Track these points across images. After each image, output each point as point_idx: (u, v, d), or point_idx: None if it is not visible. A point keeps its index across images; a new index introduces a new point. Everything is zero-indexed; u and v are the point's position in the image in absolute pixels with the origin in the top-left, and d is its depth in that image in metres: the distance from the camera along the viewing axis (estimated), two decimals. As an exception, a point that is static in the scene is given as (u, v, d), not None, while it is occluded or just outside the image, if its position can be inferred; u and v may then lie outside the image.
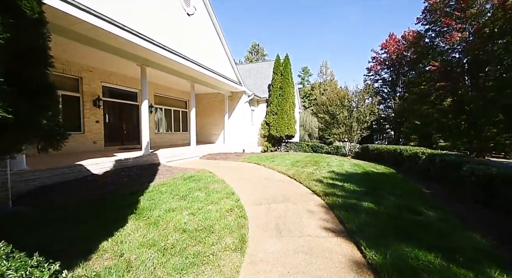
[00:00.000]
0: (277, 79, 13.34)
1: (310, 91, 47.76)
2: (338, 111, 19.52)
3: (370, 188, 4.93)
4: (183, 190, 4.54)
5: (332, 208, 3.70)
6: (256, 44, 50.20)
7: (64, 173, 5.03)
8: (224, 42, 10.64)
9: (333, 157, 10.80)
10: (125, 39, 5.67)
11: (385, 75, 27.86)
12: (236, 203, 3.86)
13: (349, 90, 19.07)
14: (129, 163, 6.64)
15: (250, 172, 6.69)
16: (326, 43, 73.60)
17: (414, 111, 22.27)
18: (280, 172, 6.75)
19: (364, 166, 8.19)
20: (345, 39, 71.30)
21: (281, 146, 14.12)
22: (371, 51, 27.85)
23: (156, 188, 4.64)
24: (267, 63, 19.41)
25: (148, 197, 4.03)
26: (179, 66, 8.11)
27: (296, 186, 5.19)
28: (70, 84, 7.68)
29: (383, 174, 6.82)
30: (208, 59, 9.47)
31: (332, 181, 5.53)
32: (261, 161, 8.54)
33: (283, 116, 13.04)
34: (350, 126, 19.22)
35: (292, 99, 13.38)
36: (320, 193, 4.45)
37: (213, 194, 4.30)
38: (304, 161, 8.82)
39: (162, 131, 11.97)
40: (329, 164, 8.23)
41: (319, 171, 6.78)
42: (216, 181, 5.33)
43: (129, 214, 3.21)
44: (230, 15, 65.77)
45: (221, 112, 13.30)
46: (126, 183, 5.00)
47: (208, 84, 10.82)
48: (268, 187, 5.04)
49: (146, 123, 7.38)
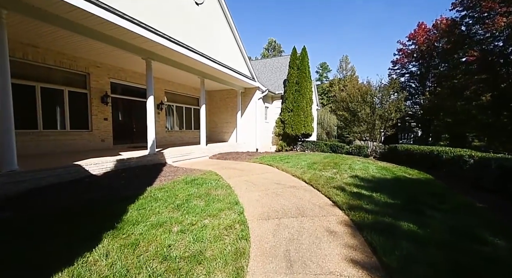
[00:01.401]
0: (293, 73, 12.43)
1: (329, 87, 45.90)
2: (359, 108, 18.13)
3: (406, 200, 4.01)
4: (181, 196, 3.95)
5: (360, 228, 2.88)
6: (273, 40, 49.13)
7: (59, 173, 4.68)
8: (237, 34, 9.97)
9: (355, 158, 9.75)
10: (126, 29, 5.20)
11: (413, 69, 25.52)
12: (238, 216, 3.18)
13: (372, 86, 17.68)
14: (132, 163, 6.23)
15: (260, 175, 5.99)
16: (347, 38, 70.35)
17: (446, 108, 20.12)
18: (294, 175, 5.96)
19: (393, 169, 7.13)
20: (367, 32, 67.61)
21: (297, 145, 13.23)
22: (397, 42, 25.67)
23: (152, 193, 4.11)
24: (282, 58, 18.48)
25: (139, 205, 3.48)
26: (187, 59, 7.58)
27: (313, 194, 4.39)
28: (77, 80, 7.46)
29: (418, 181, 5.77)
30: (219, 53, 8.86)
31: (356, 188, 4.65)
32: (274, 162, 7.80)
33: (299, 114, 12.13)
34: (373, 124, 17.80)
35: (309, 95, 12.41)
36: (343, 206, 3.63)
37: (214, 203, 3.66)
38: (322, 163, 7.93)
39: (173, 129, 11.64)
40: (351, 166, 7.27)
41: (340, 176, 5.90)
42: (220, 185, 4.70)
43: (108, 229, 2.66)
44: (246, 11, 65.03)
45: (234, 110, 12.71)
46: (122, 186, 4.53)
47: (219, 80, 10.24)
48: (280, 195, 4.30)
49: (152, 120, 6.95)
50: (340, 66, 46.89)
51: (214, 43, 8.65)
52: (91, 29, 5.16)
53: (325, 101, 43.17)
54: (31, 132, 6.36)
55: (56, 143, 6.87)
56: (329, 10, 67.48)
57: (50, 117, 6.83)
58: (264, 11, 70.89)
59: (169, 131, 11.25)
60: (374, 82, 17.21)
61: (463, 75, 19.79)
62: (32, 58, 6.25)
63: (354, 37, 70.00)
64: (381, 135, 18.09)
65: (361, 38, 69.20)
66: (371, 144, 17.40)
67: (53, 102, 6.90)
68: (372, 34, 68.08)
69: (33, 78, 6.43)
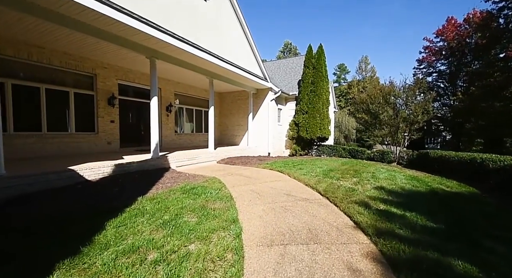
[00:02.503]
0: (308, 73, 11.66)
1: (347, 89, 44.21)
2: (381, 110, 16.86)
3: (452, 223, 3.14)
4: (172, 210, 3.39)
5: (395, 266, 2.12)
6: (288, 42, 48.48)
7: (50, 179, 4.35)
8: (248, 32, 9.46)
9: (378, 165, 8.73)
10: (123, 23, 4.83)
11: (441, 67, 23.49)
12: (234, 240, 2.54)
13: (395, 86, 16.40)
14: (132, 168, 5.84)
15: (269, 183, 5.31)
16: (366, 38, 67.72)
17: (481, 110, 18.13)
18: (308, 185, 5.22)
19: (425, 180, 6.11)
20: (388, 31, 64.57)
21: (312, 149, 12.36)
22: (423, 40, 23.82)
23: (141, 204, 3.60)
24: (297, 58, 17.74)
25: (121, 220, 2.97)
26: (194, 58, 7.15)
27: (329, 210, 3.64)
28: (83, 81, 7.31)
29: (461, 196, 4.77)
30: (229, 52, 8.39)
31: (384, 204, 3.82)
32: (286, 168, 7.07)
33: (315, 116, 11.29)
34: (396, 128, 16.46)
35: (326, 96, 11.55)
36: (369, 229, 2.86)
37: (208, 220, 3.05)
38: (340, 170, 7.07)
39: (183, 132, 11.32)
40: (374, 175, 6.36)
41: (361, 186, 5.06)
42: (220, 196, 4.09)
43: (69, 255, 2.14)
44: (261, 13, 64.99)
45: (245, 112, 12.17)
46: (113, 195, 4.08)
47: (229, 80, 9.76)
48: (289, 210, 3.60)
49: (155, 122, 6.58)
50: (359, 67, 44.99)
51: (224, 41, 8.18)
52: (88, 25, 4.86)
53: (343, 103, 41.52)
54: (35, 135, 6.23)
55: (60, 145, 6.70)
56: (347, 9, 65.58)
57: (55, 119, 6.68)
58: (280, 12, 70.50)
59: (178, 135, 10.94)
60: (398, 83, 15.91)
61: (501, 73, 17.74)
62: (37, 59, 6.13)
63: (374, 37, 67.26)
64: (405, 139, 16.69)
65: (381, 38, 66.28)
66: (396, 149, 16.02)
67: (58, 104, 6.76)
68: (392, 34, 64.96)
69: (38, 79, 6.32)
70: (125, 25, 4.89)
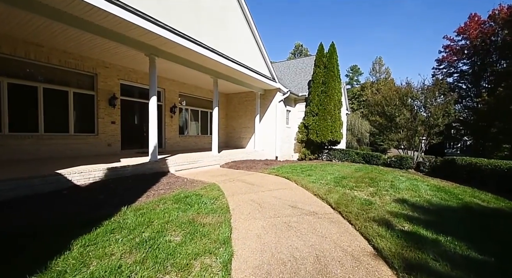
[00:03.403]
0: (319, 73, 11.02)
1: (360, 91, 42.89)
2: (397, 112, 15.93)
3: (501, 253, 2.45)
4: (156, 224, 2.92)
5: (437, 324, 1.50)
6: (299, 44, 47.81)
7: (34, 184, 4.01)
8: (255, 29, 9.01)
9: (396, 172, 7.94)
10: (119, 18, 4.49)
11: (463, 67, 22.04)
12: (220, 271, 2.01)
13: (413, 87, 15.42)
14: (126, 172, 5.46)
15: (273, 192, 4.75)
16: (380, 39, 65.77)
17: (510, 111, 16.67)
18: (316, 195, 4.61)
19: (454, 192, 5.31)
20: (404, 31, 62.38)
21: (323, 153, 11.64)
22: (443, 38, 22.46)
23: (124, 216, 3.15)
24: (308, 59, 17.12)
25: (92, 238, 2.51)
26: (196, 56, 6.76)
27: (341, 229, 3.03)
28: (83, 81, 7.09)
29: (502, 214, 3.99)
30: (234, 50, 7.95)
31: (409, 224, 3.17)
32: (293, 174, 6.48)
33: (326, 118, 10.61)
34: (414, 131, 15.47)
35: (338, 97, 10.85)
36: (394, 260, 2.24)
37: (194, 240, 2.54)
38: (354, 178, 6.39)
39: (188, 134, 10.97)
40: (393, 184, 5.64)
41: (379, 198, 4.40)
42: (214, 209, 3.58)
43: (7, 288, 1.69)
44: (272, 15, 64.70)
45: (252, 114, 11.68)
46: (97, 203, 3.67)
47: (234, 80, 9.32)
48: (293, 228, 3.03)
49: (154, 124, 6.21)
50: (372, 69, 43.65)
51: (229, 39, 7.76)
52: (81, 19, 4.55)
53: (355, 106, 40.24)
54: (31, 136, 6.01)
55: (58, 147, 6.47)
56: (360, 10, 64.09)
57: (53, 120, 6.47)
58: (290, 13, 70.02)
59: (183, 137, 10.59)
60: (415, 84, 14.98)
61: (533, 72, 16.29)
62: (35, 57, 5.94)
63: (388, 38, 65.19)
64: (423, 144, 15.62)
65: (396, 39, 64.10)
66: (413, 154, 15.01)
67: (56, 104, 6.55)
68: (408, 34, 62.66)
69: (36, 78, 6.12)
70: (118, 19, 4.54)
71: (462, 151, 29.18)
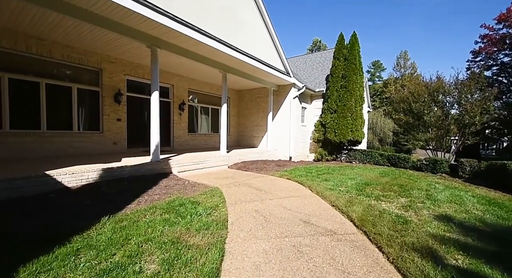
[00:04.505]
0: (339, 65, 10.04)
1: (382, 88, 40.45)
2: (426, 109, 14.46)
3: None
4: (133, 243, 2.36)
5: None
6: (318, 40, 46.04)
7: (19, 186, 3.68)
8: (268, 19, 8.29)
9: (429, 178, 6.86)
10: (113, 2, 4.03)
11: (504, 59, 19.57)
12: None
13: (444, 82, 13.88)
14: (124, 173, 5.05)
15: (282, 201, 4.06)
16: (404, 33, 61.65)
17: None
18: (335, 206, 3.84)
19: (511, 206, 4.27)
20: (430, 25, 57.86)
21: (342, 154, 10.67)
22: (480, 27, 20.03)
23: (98, 230, 2.65)
24: (326, 52, 16.04)
25: (47, 261, 2.01)
26: (202, 47, 6.21)
27: (369, 261, 2.28)
28: (88, 76, 6.83)
29: None
30: (245, 41, 7.32)
31: (463, 255, 2.33)
32: (307, 178, 5.73)
33: (346, 115, 9.63)
34: (445, 130, 13.93)
35: (359, 92, 9.81)
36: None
37: (170, 272, 1.94)
38: (380, 184, 5.50)
39: (197, 133, 10.54)
40: (430, 194, 4.70)
41: (416, 214, 3.54)
42: (209, 223, 2.96)
43: None
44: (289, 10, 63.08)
45: (265, 111, 10.99)
46: (79, 210, 3.23)
47: (245, 75, 8.68)
48: (304, 254, 2.33)
49: (156, 121, 5.78)
50: (397, 64, 40.87)
51: (238, 30, 7.13)
52: (79, 8, 4.15)
53: (377, 103, 37.98)
54: (33, 133, 5.82)
55: (61, 145, 6.26)
56: (382, 3, 60.47)
57: (56, 116, 6.26)
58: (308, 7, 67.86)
59: (192, 135, 10.17)
60: (447, 78, 13.54)
61: None
62: (36, 51, 5.72)
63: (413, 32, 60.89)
64: (455, 145, 14.02)
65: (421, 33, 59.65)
66: (446, 156, 13.53)
67: (59, 100, 6.34)
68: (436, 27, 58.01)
69: (38, 73, 5.91)
70: (112, 3, 4.08)
71: (498, 153, 26.31)
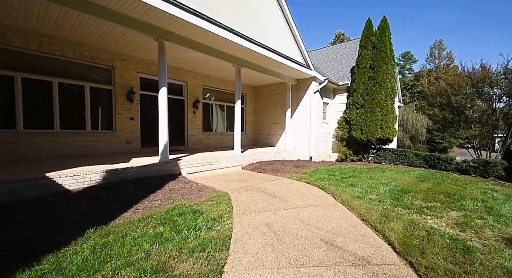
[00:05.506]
0: (366, 55, 8.97)
1: (413, 81, 37.31)
2: (468, 103, 12.71)
3: None
4: (108, 270, 1.90)
5: None
6: (341, 33, 43.72)
7: (16, 189, 3.48)
8: (286, 8, 7.60)
9: (480, 183, 5.69)
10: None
11: None
12: None
13: (491, 72, 12.07)
14: (129, 175, 4.75)
15: (299, 212, 3.40)
16: (437, 22, 56.16)
17: None
18: (366, 220, 3.10)
19: None
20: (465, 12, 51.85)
21: (369, 154, 9.60)
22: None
23: (77, 247, 2.25)
24: (351, 43, 14.80)
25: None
26: (213, 38, 5.71)
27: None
28: (100, 75, 6.72)
29: None
30: (260, 32, 6.74)
31: None
32: (330, 183, 4.97)
33: (374, 110, 8.57)
34: (493, 126, 12.14)
35: (391, 84, 8.67)
36: None
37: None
38: (421, 191, 4.57)
39: (212, 131, 10.18)
40: (489, 206, 3.72)
41: (476, 235, 2.68)
42: (206, 242, 2.43)
43: None
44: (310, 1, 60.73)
45: (283, 108, 10.28)
46: (69, 219, 2.90)
47: (260, 68, 8.06)
48: (328, 299, 1.68)
49: (164, 119, 5.44)
50: (430, 54, 37.31)
51: (253, 19, 6.54)
52: None
53: (407, 98, 34.99)
54: (46, 133, 5.80)
55: (74, 145, 6.20)
56: (414, -12, 55.61)
57: (69, 116, 6.20)
58: (331, 3, 64.78)
59: (207, 134, 9.82)
60: (494, 67, 11.80)
61: None
62: (48, 50, 5.66)
63: (447, 22, 55.15)
64: (503, 143, 12.13)
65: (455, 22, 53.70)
66: (493, 155, 11.76)
67: (72, 99, 6.28)
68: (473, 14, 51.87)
69: (50, 73, 5.87)
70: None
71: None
